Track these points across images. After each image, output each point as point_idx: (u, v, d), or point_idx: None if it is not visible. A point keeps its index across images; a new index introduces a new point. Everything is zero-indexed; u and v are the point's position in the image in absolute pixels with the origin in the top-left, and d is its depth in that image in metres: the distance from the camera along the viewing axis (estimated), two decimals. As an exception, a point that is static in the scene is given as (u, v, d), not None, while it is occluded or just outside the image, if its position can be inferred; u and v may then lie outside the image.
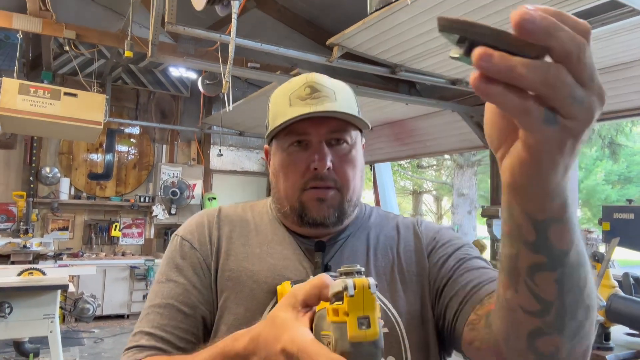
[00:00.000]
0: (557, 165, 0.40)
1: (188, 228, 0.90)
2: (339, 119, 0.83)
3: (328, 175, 0.82)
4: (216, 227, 0.89)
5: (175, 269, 0.84)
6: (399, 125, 5.61)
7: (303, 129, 0.82)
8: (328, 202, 0.83)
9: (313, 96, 0.82)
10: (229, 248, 0.86)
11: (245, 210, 0.95)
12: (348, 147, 0.85)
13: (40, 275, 3.70)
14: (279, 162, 0.86)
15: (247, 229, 0.90)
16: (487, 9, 2.71)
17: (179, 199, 6.66)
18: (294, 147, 0.84)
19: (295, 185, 0.84)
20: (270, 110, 0.89)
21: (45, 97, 3.88)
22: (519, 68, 0.34)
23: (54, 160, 6.37)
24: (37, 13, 3.87)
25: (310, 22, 5.22)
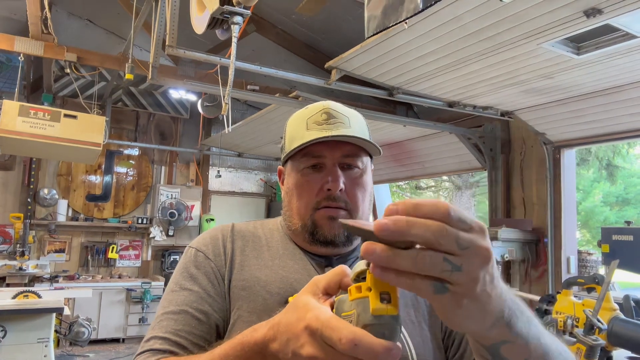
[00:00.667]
0: (469, 314, 0.45)
1: (202, 241, 0.92)
2: (352, 144, 0.88)
3: (340, 196, 0.86)
4: (230, 240, 0.92)
5: (190, 278, 0.86)
6: (397, 146, 5.64)
7: (318, 152, 0.87)
8: (338, 221, 0.86)
9: (329, 122, 0.88)
10: (243, 260, 0.89)
11: (257, 227, 0.98)
12: (359, 172, 0.90)
13: (35, 298, 3.66)
14: (293, 182, 0.90)
15: (259, 244, 0.93)
16: (476, 35, 2.76)
17: (177, 220, 6.64)
18: (309, 169, 0.88)
19: (308, 204, 0.88)
20: (287, 133, 0.93)
21: (45, 119, 3.90)
22: (395, 258, 0.41)
23: (53, 182, 6.36)
24: (39, 36, 3.93)
25: (308, 46, 5.30)
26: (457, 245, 0.41)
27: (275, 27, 5.08)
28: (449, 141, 5.01)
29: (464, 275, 0.42)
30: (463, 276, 0.42)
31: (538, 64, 3.12)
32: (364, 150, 0.90)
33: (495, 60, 3.13)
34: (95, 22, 6.11)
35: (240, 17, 2.11)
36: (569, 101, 3.82)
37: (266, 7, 4.72)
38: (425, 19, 2.60)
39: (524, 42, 2.81)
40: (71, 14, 5.94)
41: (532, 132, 4.41)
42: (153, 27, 3.19)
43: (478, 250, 0.42)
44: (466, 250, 0.42)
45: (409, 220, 0.41)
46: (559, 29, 2.58)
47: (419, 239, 0.41)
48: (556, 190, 4.34)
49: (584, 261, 4.37)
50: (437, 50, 3.06)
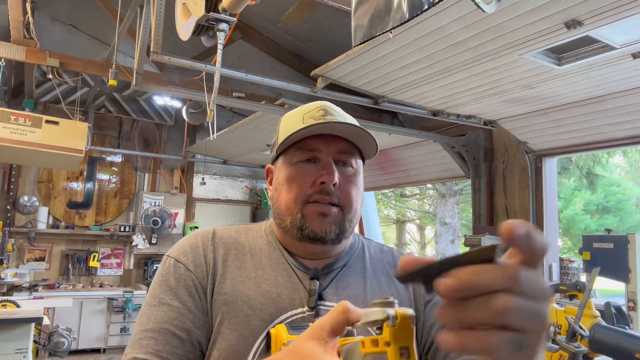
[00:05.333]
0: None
1: (182, 249, 0.87)
2: (348, 142, 0.86)
3: (334, 191, 0.82)
4: (211, 249, 0.87)
5: (169, 292, 0.81)
6: (383, 154, 5.67)
7: (313, 145, 0.84)
8: (330, 217, 0.83)
9: (326, 117, 0.86)
10: (225, 271, 0.84)
11: (240, 232, 0.93)
12: (353, 171, 0.87)
13: (14, 307, 3.57)
14: (284, 176, 0.86)
15: (242, 252, 0.88)
16: (459, 45, 2.80)
17: (160, 228, 6.56)
18: (302, 162, 0.85)
19: (298, 197, 0.83)
20: (280, 129, 0.90)
21: (26, 125, 3.84)
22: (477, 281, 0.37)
23: (33, 189, 6.24)
24: (21, 41, 3.87)
25: (294, 54, 5.31)
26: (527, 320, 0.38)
27: (262, 34, 5.09)
28: (433, 149, 5.05)
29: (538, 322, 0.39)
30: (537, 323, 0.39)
31: (520, 74, 3.18)
32: (358, 151, 0.88)
33: (478, 70, 3.17)
34: (79, 27, 6.05)
35: (226, 24, 2.11)
36: (550, 111, 3.89)
37: (252, 14, 4.72)
38: (409, 29, 2.63)
39: (506, 53, 2.86)
40: (54, 19, 5.87)
41: (514, 141, 4.47)
42: (138, 33, 3.17)
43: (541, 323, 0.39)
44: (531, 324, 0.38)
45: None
46: (541, 40, 2.64)
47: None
48: (538, 198, 4.40)
49: (565, 269, 4.43)
50: (422, 60, 3.09)
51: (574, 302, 2.69)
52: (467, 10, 2.40)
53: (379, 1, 1.29)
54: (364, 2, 1.40)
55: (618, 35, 2.57)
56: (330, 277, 0.87)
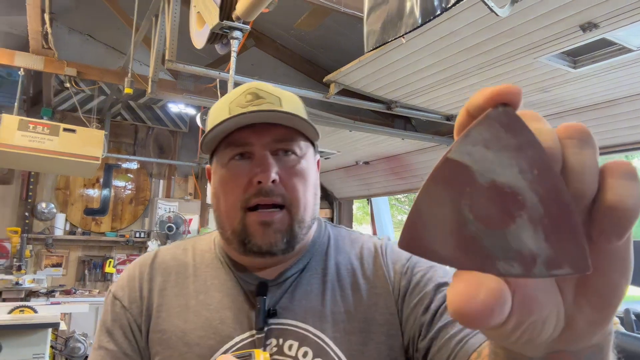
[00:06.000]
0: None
1: (120, 283, 0.80)
2: (285, 127, 0.73)
3: (274, 189, 0.70)
4: (147, 278, 0.79)
5: (107, 334, 0.76)
6: (396, 159, 5.65)
7: (244, 139, 0.72)
8: (275, 225, 0.71)
9: (254, 103, 0.72)
10: (161, 302, 0.76)
11: (187, 250, 0.84)
12: (297, 159, 0.74)
13: (31, 313, 3.63)
14: (218, 179, 0.75)
15: (184, 275, 0.79)
16: (473, 50, 2.79)
17: (175, 234, 6.61)
18: (235, 160, 0.73)
19: (236, 203, 0.72)
20: (208, 123, 0.77)
21: (44, 133, 3.91)
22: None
23: (50, 196, 6.34)
24: (39, 51, 3.95)
25: (307, 60, 5.34)
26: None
27: (274, 41, 5.12)
28: (447, 154, 5.02)
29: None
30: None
31: (535, 77, 3.15)
32: (301, 134, 0.75)
33: (492, 74, 3.16)
34: (96, 37, 6.16)
35: (239, 32, 2.13)
36: (565, 115, 3.84)
37: (265, 22, 4.76)
38: (422, 34, 2.63)
39: (520, 57, 2.84)
40: (72, 29, 5.98)
41: (529, 145, 4.42)
42: (153, 42, 3.22)
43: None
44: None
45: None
46: (555, 43, 2.61)
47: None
48: (555, 203, 4.34)
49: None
50: (435, 64, 3.09)
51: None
52: (480, 14, 2.39)
53: (391, 7, 1.29)
54: (376, 8, 1.40)
55: (635, 37, 2.54)
56: (284, 288, 0.75)
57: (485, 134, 0.24)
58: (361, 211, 12.50)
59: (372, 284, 0.75)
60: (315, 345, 0.71)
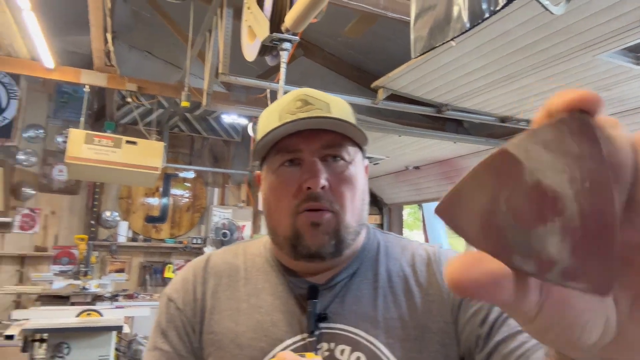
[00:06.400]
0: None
1: (174, 285, 0.82)
2: (334, 133, 0.74)
3: (323, 195, 0.71)
4: (201, 281, 0.80)
5: (161, 335, 0.78)
6: (448, 163, 5.54)
7: (293, 145, 0.73)
8: (323, 226, 0.71)
9: (303, 109, 0.74)
10: (214, 305, 0.78)
11: (238, 254, 0.85)
12: (345, 165, 0.74)
13: (97, 316, 3.82)
14: (268, 185, 0.77)
15: (235, 279, 0.80)
16: (527, 49, 2.69)
17: (229, 240, 6.79)
18: (285, 167, 0.74)
19: (287, 209, 0.73)
20: (258, 130, 0.79)
21: (109, 146, 4.14)
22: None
23: (114, 205, 6.70)
24: (102, 69, 4.20)
25: (355, 67, 5.35)
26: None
27: (322, 50, 5.18)
28: (502, 158, 4.86)
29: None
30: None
31: (595, 75, 3.01)
32: (349, 139, 0.75)
33: (548, 74, 3.04)
34: (154, 53, 6.47)
35: (289, 43, 2.18)
36: (630, 113, 3.63)
37: (313, 31, 4.82)
38: (473, 35, 2.58)
39: (578, 54, 2.72)
40: (132, 47, 6.31)
41: (591, 147, 4.21)
42: (207, 57, 3.34)
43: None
44: None
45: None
46: (616, 39, 2.48)
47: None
48: (620, 206, 4.10)
49: None
50: (487, 66, 3.01)
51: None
52: (533, 13, 2.32)
53: (439, 12, 1.28)
54: (423, 14, 1.40)
55: None
56: (334, 292, 0.75)
57: (549, 136, 0.24)
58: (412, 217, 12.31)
59: (425, 291, 0.74)
60: (368, 350, 0.70)
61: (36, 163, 6.20)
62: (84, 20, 3.53)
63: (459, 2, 1.22)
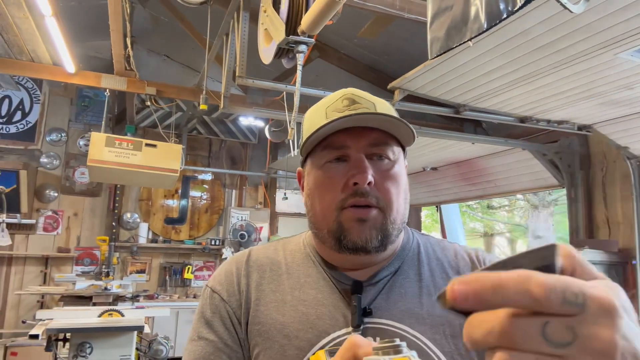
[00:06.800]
0: None
1: (217, 278, 0.84)
2: (379, 131, 0.76)
3: (369, 191, 0.72)
4: (245, 274, 0.82)
5: (206, 325, 0.79)
6: (466, 164, 5.48)
7: (341, 142, 0.75)
8: (370, 222, 0.73)
9: (351, 108, 0.76)
10: (259, 297, 0.79)
11: (277, 250, 0.87)
12: (390, 163, 0.76)
13: (119, 316, 3.88)
14: (313, 181, 0.78)
15: (278, 272, 0.82)
16: (546, 48, 2.65)
17: (247, 241, 6.83)
18: (331, 163, 0.76)
19: (332, 203, 0.74)
20: (304, 127, 0.81)
21: (129, 149, 4.21)
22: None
23: (135, 207, 6.80)
24: (122, 73, 4.27)
25: (371, 68, 5.34)
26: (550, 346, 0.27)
27: (338, 51, 5.18)
28: (522, 158, 4.80)
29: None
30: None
31: (616, 74, 2.94)
32: (394, 138, 0.77)
33: (568, 73, 2.99)
34: (172, 57, 6.56)
35: (304, 45, 2.19)
36: (655, 112, 3.55)
37: (329, 33, 4.83)
38: (490, 35, 2.55)
39: (599, 53, 2.67)
40: (150, 51, 6.42)
41: (613, 146, 4.12)
42: (224, 60, 3.38)
43: (590, 345, 0.27)
44: (568, 348, 0.27)
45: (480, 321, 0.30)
46: (637, 37, 2.43)
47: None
48: (644, 207, 4.01)
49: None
50: (505, 66, 2.98)
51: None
52: (552, 11, 2.28)
53: (456, 13, 1.27)
54: (440, 14, 1.39)
55: None
56: (378, 288, 0.77)
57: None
58: (429, 219, 12.21)
59: None
60: (415, 345, 0.70)
61: (59, 166, 6.33)
62: (104, 25, 3.60)
63: (476, 3, 1.20)
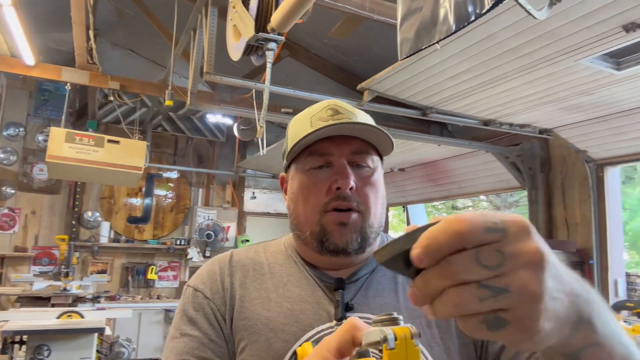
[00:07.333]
0: (545, 334, 0.35)
1: (200, 277, 0.86)
2: (361, 140, 0.81)
3: (351, 196, 0.78)
4: (228, 273, 0.84)
5: (189, 322, 0.80)
6: (432, 166, 5.58)
7: (324, 149, 0.80)
8: (350, 226, 0.78)
9: (335, 117, 0.81)
10: (243, 294, 0.82)
11: (258, 251, 0.90)
12: (370, 171, 0.82)
13: (78, 318, 3.76)
14: (298, 185, 0.82)
15: (261, 272, 0.85)
16: (511, 53, 2.72)
17: (214, 241, 6.74)
18: (315, 169, 0.81)
19: (315, 207, 0.79)
20: (289, 134, 0.86)
21: (90, 145, 4.08)
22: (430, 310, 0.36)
23: (96, 205, 6.60)
24: (84, 66, 4.13)
25: (340, 68, 5.36)
26: (486, 269, 0.33)
27: (308, 51, 5.17)
28: (486, 160, 4.91)
29: (515, 296, 0.33)
30: (515, 298, 0.33)
31: (577, 80, 3.05)
32: (374, 148, 0.83)
33: (531, 78, 3.08)
34: (137, 51, 6.40)
35: (274, 43, 2.17)
36: (611, 117, 3.70)
37: (299, 32, 4.82)
38: (458, 38, 2.60)
39: (561, 59, 2.76)
40: (115, 45, 6.24)
41: (572, 150, 4.28)
42: (191, 55, 3.31)
43: (520, 259, 0.33)
44: (502, 267, 0.33)
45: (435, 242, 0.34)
46: (597, 44, 2.53)
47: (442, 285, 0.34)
48: (600, 209, 4.17)
49: (633, 284, 4.16)
50: (471, 69, 3.04)
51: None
52: (518, 17, 2.34)
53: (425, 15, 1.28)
54: (409, 16, 1.40)
55: (684, 35, 2.42)
56: (357, 285, 0.82)
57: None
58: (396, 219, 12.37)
59: None
60: None
61: (16, 162, 6.08)
62: (66, 16, 3.47)
63: (445, 5, 1.22)
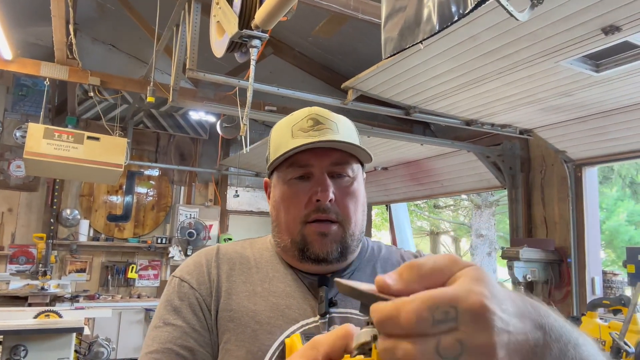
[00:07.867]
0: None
1: (186, 268, 0.86)
2: (341, 151, 0.83)
3: (330, 207, 0.81)
4: (215, 265, 0.86)
5: (173, 311, 0.80)
6: (415, 165, 5.62)
7: (305, 160, 0.82)
8: (331, 236, 0.81)
9: (315, 128, 0.83)
10: (230, 287, 0.83)
11: (245, 247, 0.92)
12: (350, 180, 0.84)
13: (56, 317, 3.70)
14: (279, 195, 0.85)
15: (247, 266, 0.87)
16: (493, 54, 2.76)
17: (196, 240, 6.68)
18: (296, 179, 0.83)
19: (296, 218, 0.82)
20: (271, 142, 0.88)
21: (69, 141, 4.00)
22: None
23: (75, 203, 6.48)
24: (64, 61, 4.05)
25: (325, 67, 5.36)
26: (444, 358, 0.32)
27: (293, 49, 5.16)
28: (468, 159, 4.97)
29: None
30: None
31: (556, 81, 3.11)
32: (354, 157, 0.85)
33: (512, 79, 3.12)
34: (119, 47, 6.30)
35: (258, 40, 2.16)
36: (590, 119, 3.77)
37: (284, 30, 4.80)
38: (441, 39, 2.62)
39: (541, 60, 2.80)
40: (95, 40, 6.13)
41: (552, 150, 4.35)
42: (174, 51, 3.27)
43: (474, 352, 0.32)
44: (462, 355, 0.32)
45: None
46: (577, 46, 2.57)
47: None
48: (578, 209, 4.26)
49: (609, 282, 4.25)
50: (454, 69, 3.07)
51: (618, 317, 2.58)
52: (500, 18, 2.37)
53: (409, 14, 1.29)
54: (393, 15, 1.40)
55: (660, 39, 2.48)
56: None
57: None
58: (380, 217, 12.43)
59: None
60: None
61: (-9, 158, 5.94)
62: (45, 10, 3.40)
63: (429, 4, 1.23)
